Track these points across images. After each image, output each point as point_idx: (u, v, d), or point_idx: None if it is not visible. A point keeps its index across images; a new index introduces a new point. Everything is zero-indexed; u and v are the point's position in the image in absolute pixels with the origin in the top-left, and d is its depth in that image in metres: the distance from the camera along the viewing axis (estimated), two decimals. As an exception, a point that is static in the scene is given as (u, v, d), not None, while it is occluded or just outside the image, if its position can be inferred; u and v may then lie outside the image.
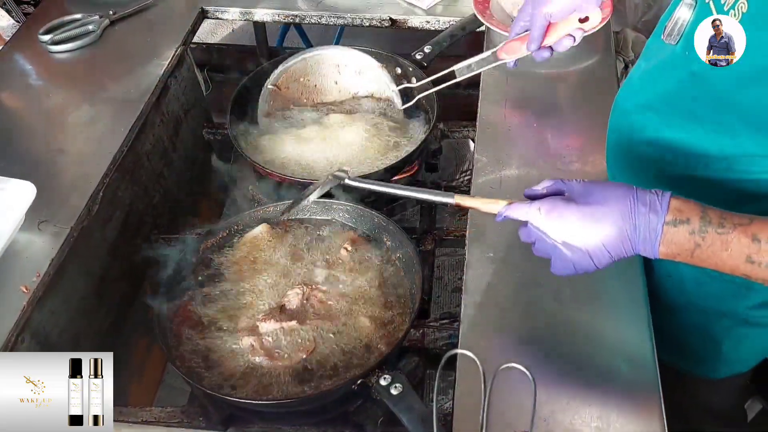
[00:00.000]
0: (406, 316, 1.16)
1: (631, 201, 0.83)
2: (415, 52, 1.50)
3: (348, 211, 1.31)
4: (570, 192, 0.88)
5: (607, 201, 0.84)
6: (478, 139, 1.30)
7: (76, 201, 1.21)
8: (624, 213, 0.83)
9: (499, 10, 1.53)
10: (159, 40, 1.58)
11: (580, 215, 0.85)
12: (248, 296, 1.21)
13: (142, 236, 1.43)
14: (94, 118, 1.37)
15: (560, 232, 0.86)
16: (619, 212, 0.83)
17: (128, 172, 1.38)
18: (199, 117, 1.70)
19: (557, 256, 0.88)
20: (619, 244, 0.84)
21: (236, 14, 1.69)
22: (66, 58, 1.53)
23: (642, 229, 0.82)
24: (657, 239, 0.82)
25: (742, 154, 0.95)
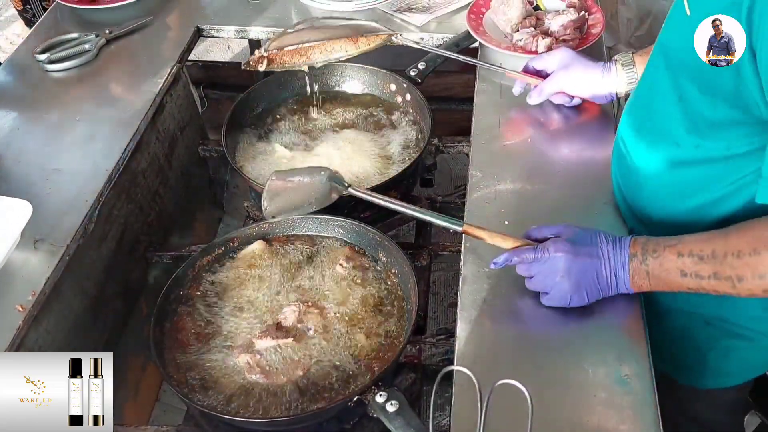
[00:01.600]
0: (402, 333, 1.16)
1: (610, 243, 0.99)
2: (410, 69, 1.51)
3: (343, 226, 1.31)
4: (566, 235, 1.02)
5: (595, 242, 0.99)
6: (473, 154, 1.30)
7: (72, 219, 1.21)
8: (609, 253, 0.99)
9: (492, 27, 1.54)
10: (155, 58, 1.59)
11: (584, 254, 0.99)
12: (244, 313, 1.20)
13: (137, 254, 1.43)
14: (90, 136, 1.38)
15: (563, 267, 0.99)
16: (606, 251, 0.99)
17: (124, 190, 1.38)
18: (195, 134, 1.70)
19: (556, 289, 1.00)
20: (605, 282, 0.99)
21: (231, 32, 1.70)
22: (62, 76, 1.54)
23: (618, 265, 0.98)
24: (627, 276, 0.98)
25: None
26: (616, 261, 0.98)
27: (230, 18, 1.70)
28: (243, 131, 1.54)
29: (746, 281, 0.89)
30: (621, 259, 0.98)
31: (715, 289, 0.92)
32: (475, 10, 1.57)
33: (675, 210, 1.05)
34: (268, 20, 1.69)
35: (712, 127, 0.94)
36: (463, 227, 1.06)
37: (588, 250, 0.99)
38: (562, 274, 0.99)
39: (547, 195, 1.21)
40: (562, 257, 0.99)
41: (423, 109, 1.50)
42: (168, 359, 1.14)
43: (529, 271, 1.02)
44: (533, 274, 1.02)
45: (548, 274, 1.00)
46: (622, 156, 1.12)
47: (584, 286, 1.00)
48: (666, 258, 0.95)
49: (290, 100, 1.61)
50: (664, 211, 1.06)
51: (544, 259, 1.00)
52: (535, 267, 1.01)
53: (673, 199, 1.05)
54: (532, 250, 1.01)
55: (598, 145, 1.30)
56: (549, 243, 1.01)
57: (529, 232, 1.06)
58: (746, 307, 1.07)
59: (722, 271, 0.90)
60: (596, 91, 1.29)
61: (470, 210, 1.19)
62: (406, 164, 1.42)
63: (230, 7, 1.74)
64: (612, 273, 0.99)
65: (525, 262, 1.02)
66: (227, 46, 3.17)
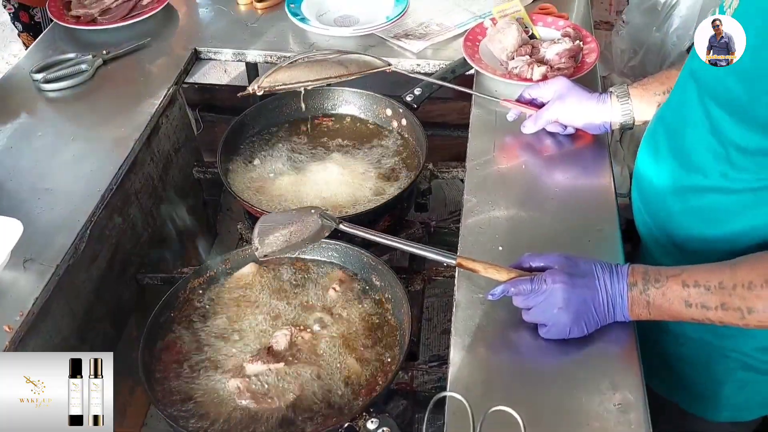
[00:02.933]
0: (394, 358, 1.14)
1: (608, 272, 0.98)
2: (406, 94, 1.52)
3: (337, 250, 1.30)
4: (562, 265, 1.00)
5: (593, 273, 0.98)
6: (468, 179, 1.30)
7: (63, 239, 1.20)
8: (606, 283, 0.97)
9: (488, 54, 1.55)
10: (151, 79, 1.59)
11: (582, 285, 0.98)
12: (235, 337, 1.19)
13: (128, 275, 1.42)
14: (84, 156, 1.37)
15: (561, 299, 0.97)
16: (603, 282, 0.97)
17: (116, 210, 1.38)
18: (190, 156, 1.70)
19: (555, 321, 0.99)
20: (603, 312, 0.98)
21: (229, 55, 1.71)
22: (58, 96, 1.54)
23: (616, 294, 0.97)
24: (626, 305, 0.97)
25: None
26: (614, 290, 0.97)
27: (228, 41, 1.71)
28: (238, 153, 1.54)
29: (757, 313, 0.87)
30: (619, 288, 0.97)
31: (721, 320, 0.91)
32: (471, 38, 1.58)
33: (708, 237, 1.03)
34: (266, 44, 1.69)
35: (743, 156, 0.93)
36: (457, 260, 1.04)
37: (586, 281, 0.98)
38: (560, 305, 0.98)
39: (541, 221, 1.21)
40: (560, 289, 0.97)
41: (418, 135, 1.51)
42: (157, 383, 1.13)
43: (527, 302, 1.01)
44: (531, 306, 1.00)
45: (546, 306, 0.99)
46: (645, 184, 1.11)
47: (583, 317, 0.98)
48: (669, 288, 0.93)
49: (286, 124, 1.62)
50: (697, 240, 1.04)
51: (541, 290, 0.98)
52: (532, 299, 1.00)
53: (705, 225, 1.03)
54: (529, 281, 1.00)
55: (593, 171, 1.30)
56: (546, 274, 0.99)
57: (523, 260, 1.05)
58: (765, 340, 1.07)
59: (731, 302, 0.89)
60: (590, 121, 1.29)
61: (464, 235, 1.19)
62: (400, 189, 1.42)
63: (228, 30, 1.75)
64: (609, 302, 0.97)
65: (522, 293, 1.00)
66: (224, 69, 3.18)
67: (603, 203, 1.24)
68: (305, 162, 1.51)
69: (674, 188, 1.05)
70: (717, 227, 1.01)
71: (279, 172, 1.48)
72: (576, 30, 1.57)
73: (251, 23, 1.76)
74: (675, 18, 2.22)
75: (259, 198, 1.43)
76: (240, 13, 1.80)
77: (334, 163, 1.49)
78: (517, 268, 1.04)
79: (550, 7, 1.72)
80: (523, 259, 1.05)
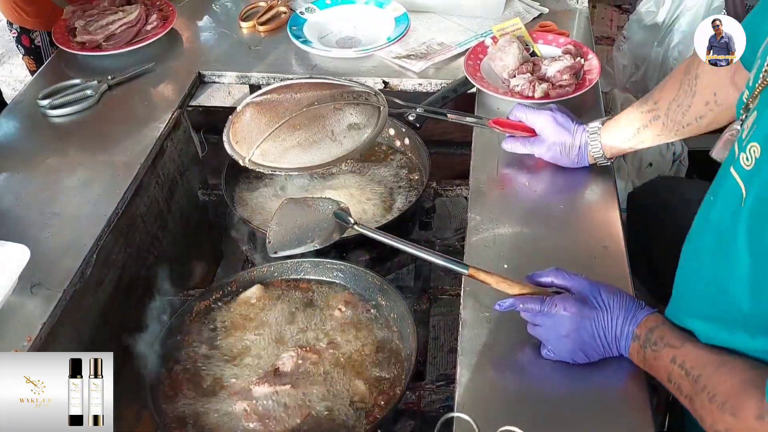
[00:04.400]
0: (401, 379, 1.14)
1: (625, 311, 0.95)
2: (408, 114, 1.52)
3: (342, 270, 1.30)
4: (580, 291, 0.99)
5: (608, 306, 0.96)
6: (471, 197, 1.30)
7: (70, 264, 1.21)
8: (618, 321, 0.95)
9: (489, 72, 1.56)
10: (156, 104, 1.60)
11: (590, 318, 0.96)
12: (242, 359, 1.19)
13: (134, 298, 1.42)
14: (90, 181, 1.38)
15: (569, 328, 0.96)
16: (615, 320, 0.95)
17: (122, 234, 1.38)
18: (195, 178, 1.71)
19: (558, 347, 0.99)
20: (608, 347, 0.97)
21: (233, 78, 1.72)
22: (63, 122, 1.55)
23: (621, 336, 0.95)
24: (627, 348, 0.96)
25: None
26: (621, 332, 0.96)
27: (231, 64, 1.72)
28: (243, 175, 1.54)
29: (705, 424, 0.84)
30: (626, 332, 0.95)
31: (688, 407, 0.87)
32: (472, 57, 1.59)
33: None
34: (269, 66, 1.71)
35: None
36: (469, 271, 1.04)
37: (597, 315, 0.96)
38: (566, 333, 0.97)
39: (545, 239, 1.21)
40: (568, 318, 0.96)
41: (421, 153, 1.51)
42: (163, 407, 1.13)
43: (534, 320, 1.00)
44: (537, 324, 1.00)
45: (552, 330, 0.98)
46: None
47: (587, 348, 0.98)
48: (661, 357, 0.91)
49: (290, 145, 1.62)
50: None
51: (550, 314, 0.97)
52: (539, 318, 0.99)
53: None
54: (539, 301, 0.99)
55: (597, 187, 1.30)
56: (558, 299, 0.98)
57: (546, 274, 1.03)
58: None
59: (695, 400, 0.85)
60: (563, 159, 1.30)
61: (469, 253, 1.19)
62: (405, 207, 1.43)
63: (231, 54, 1.76)
64: (615, 340, 0.96)
65: (530, 312, 1.00)
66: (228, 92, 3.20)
67: (607, 219, 1.24)
68: (309, 182, 1.52)
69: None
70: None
71: (284, 194, 1.49)
72: (577, 47, 1.58)
73: (254, 46, 1.77)
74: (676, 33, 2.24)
75: (265, 220, 1.44)
76: (243, 36, 1.82)
77: (338, 182, 1.50)
78: (536, 282, 1.03)
79: (550, 24, 1.73)
80: (548, 272, 1.03)
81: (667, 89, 1.20)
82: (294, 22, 1.78)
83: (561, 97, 1.46)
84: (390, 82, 1.64)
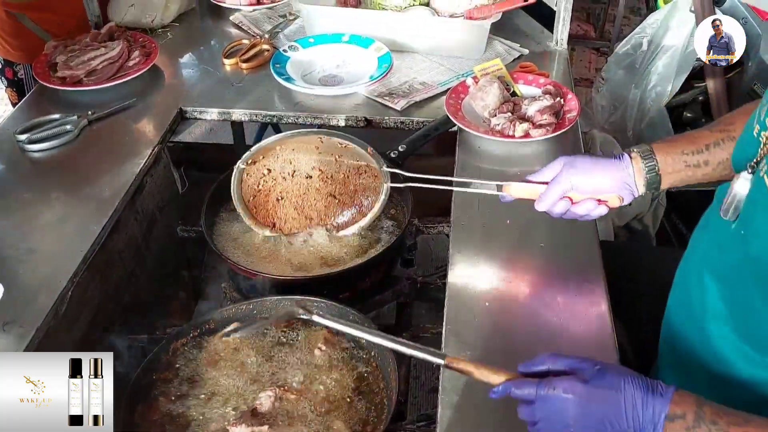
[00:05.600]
0: (382, 419, 1.12)
1: (642, 391, 0.82)
2: (390, 151, 1.53)
3: (322, 308, 1.29)
4: (581, 372, 0.85)
5: (620, 386, 0.82)
6: (453, 234, 1.30)
7: (44, 301, 1.18)
8: (636, 403, 0.81)
9: (470, 111, 1.58)
10: (136, 139, 1.59)
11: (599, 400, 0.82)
12: (219, 398, 1.17)
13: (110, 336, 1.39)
14: (67, 216, 1.36)
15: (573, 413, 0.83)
16: (632, 402, 0.81)
17: (99, 270, 1.36)
18: (174, 215, 1.69)
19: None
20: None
21: (214, 114, 1.72)
22: (42, 157, 1.53)
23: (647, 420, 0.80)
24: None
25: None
26: (645, 414, 0.80)
27: (213, 101, 1.72)
28: (223, 212, 1.53)
29: None
30: (653, 414, 0.80)
31: None
32: (453, 96, 1.61)
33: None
34: (251, 103, 1.71)
35: None
36: (446, 360, 0.92)
37: (608, 395, 0.82)
38: (571, 423, 0.83)
39: (528, 275, 1.21)
40: (573, 402, 0.82)
41: (403, 190, 1.51)
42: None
43: (532, 415, 0.86)
44: (537, 419, 0.85)
45: (554, 421, 0.84)
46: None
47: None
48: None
49: (271, 181, 1.62)
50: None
51: (548, 398, 0.84)
52: (538, 409, 0.85)
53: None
54: (534, 384, 0.85)
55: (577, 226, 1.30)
56: (557, 380, 0.84)
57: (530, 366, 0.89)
58: None
59: None
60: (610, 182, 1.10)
61: (451, 291, 1.19)
62: (387, 244, 1.42)
63: (214, 90, 1.76)
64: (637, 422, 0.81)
65: (526, 398, 0.86)
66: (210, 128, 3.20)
67: (588, 254, 1.24)
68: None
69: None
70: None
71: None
72: (557, 87, 1.60)
73: (237, 83, 1.78)
74: (653, 75, 2.28)
75: (244, 257, 1.42)
76: (226, 73, 1.83)
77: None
78: (530, 373, 0.90)
79: (530, 65, 1.76)
80: (541, 358, 0.89)
81: (742, 113, 1.06)
82: (277, 60, 1.79)
83: (541, 137, 1.47)
84: (372, 120, 1.64)
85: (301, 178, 1.46)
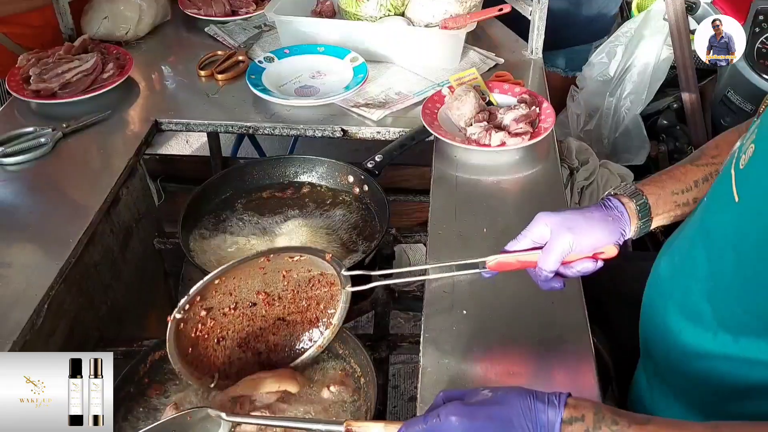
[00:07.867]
0: (361, 428, 1.12)
1: (530, 400, 0.81)
2: (367, 161, 1.54)
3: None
4: (468, 397, 0.85)
5: (508, 401, 0.82)
6: (430, 244, 1.31)
7: (20, 314, 1.17)
8: (525, 412, 0.81)
9: (446, 121, 1.59)
10: (112, 151, 1.59)
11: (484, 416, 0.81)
12: (197, 411, 1.16)
13: (87, 350, 1.38)
14: (42, 230, 1.35)
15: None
16: (521, 411, 0.81)
17: (75, 283, 1.35)
18: (151, 227, 1.68)
19: None
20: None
21: (190, 126, 1.71)
22: (16, 170, 1.52)
23: (541, 426, 0.80)
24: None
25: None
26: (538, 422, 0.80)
27: (189, 112, 1.72)
28: (200, 223, 1.53)
29: None
30: (547, 421, 0.80)
31: None
32: (429, 106, 1.62)
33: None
34: (227, 114, 1.71)
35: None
36: (345, 426, 0.91)
37: (493, 411, 0.81)
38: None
39: (504, 283, 1.22)
40: (457, 424, 0.81)
41: (380, 200, 1.52)
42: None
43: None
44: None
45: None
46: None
47: None
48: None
49: (248, 192, 1.62)
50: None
51: (435, 428, 0.82)
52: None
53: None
54: (421, 419, 0.84)
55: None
56: (440, 409, 0.83)
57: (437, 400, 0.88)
58: None
59: None
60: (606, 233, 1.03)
61: (429, 299, 1.19)
62: (364, 254, 1.42)
63: (189, 102, 1.76)
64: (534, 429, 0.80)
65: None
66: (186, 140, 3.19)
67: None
68: (268, 230, 1.51)
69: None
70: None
71: (242, 242, 1.47)
72: (532, 96, 1.62)
73: (212, 94, 1.78)
74: (627, 83, 2.31)
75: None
76: (201, 84, 1.83)
77: (296, 229, 1.49)
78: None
79: (506, 74, 1.78)
80: (435, 399, 0.89)
81: (722, 142, 1.06)
82: (252, 71, 1.79)
83: (517, 145, 1.49)
84: (348, 130, 1.65)
85: (244, 308, 1.19)
